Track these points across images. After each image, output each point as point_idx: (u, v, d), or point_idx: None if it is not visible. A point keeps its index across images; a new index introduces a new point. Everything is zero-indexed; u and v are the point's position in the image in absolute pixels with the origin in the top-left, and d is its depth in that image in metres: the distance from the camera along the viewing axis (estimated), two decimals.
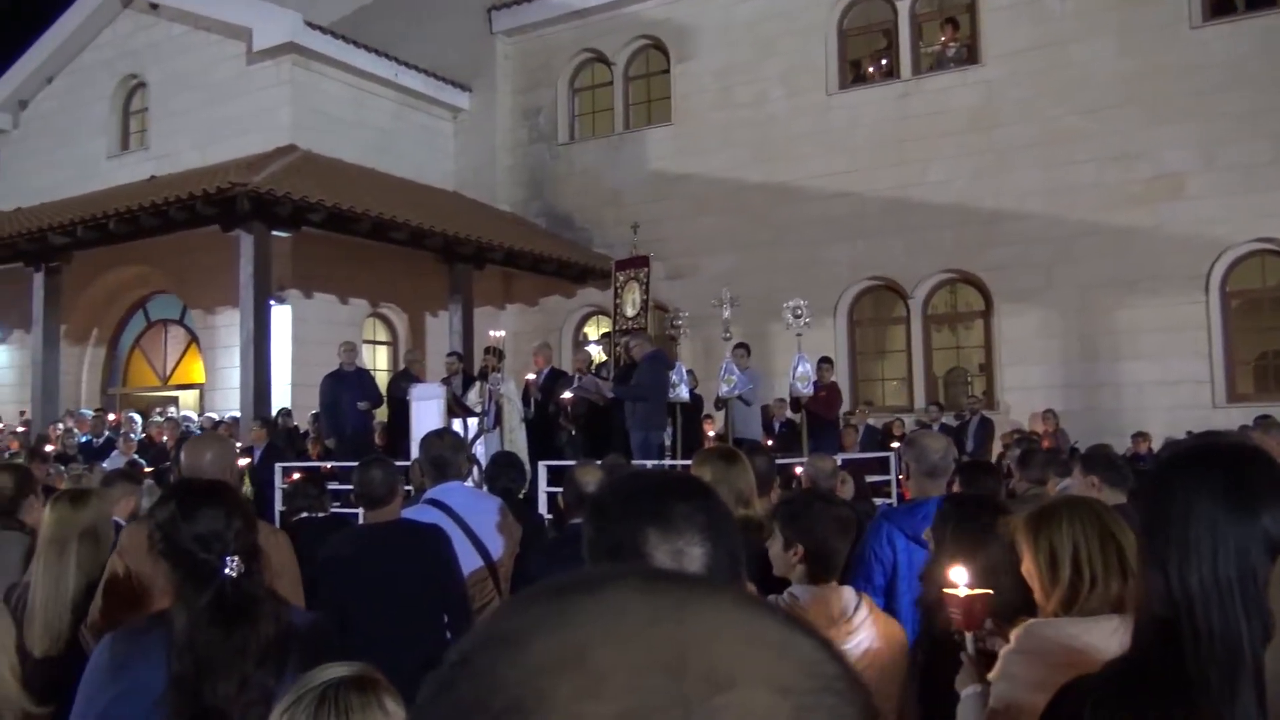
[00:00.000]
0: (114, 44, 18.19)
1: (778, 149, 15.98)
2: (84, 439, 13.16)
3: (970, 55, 15.10)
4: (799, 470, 7.41)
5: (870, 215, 15.13)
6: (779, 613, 0.45)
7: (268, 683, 2.00)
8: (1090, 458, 4.63)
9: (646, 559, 1.10)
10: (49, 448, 11.93)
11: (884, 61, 15.99)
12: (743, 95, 16.41)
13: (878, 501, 8.14)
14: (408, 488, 5.43)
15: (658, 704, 0.39)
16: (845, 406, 12.72)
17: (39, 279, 14.76)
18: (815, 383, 9.63)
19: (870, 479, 9.06)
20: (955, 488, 4.41)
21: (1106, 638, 1.71)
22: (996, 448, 12.01)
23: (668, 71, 17.43)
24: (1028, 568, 2.02)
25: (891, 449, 10.89)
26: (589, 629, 0.42)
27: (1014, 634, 1.95)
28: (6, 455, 11.24)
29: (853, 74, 16.20)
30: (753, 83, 16.33)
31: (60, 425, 13.72)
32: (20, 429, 14.65)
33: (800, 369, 9.02)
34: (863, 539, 3.49)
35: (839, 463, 6.11)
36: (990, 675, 1.96)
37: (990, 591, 2.21)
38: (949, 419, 12.90)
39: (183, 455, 3.55)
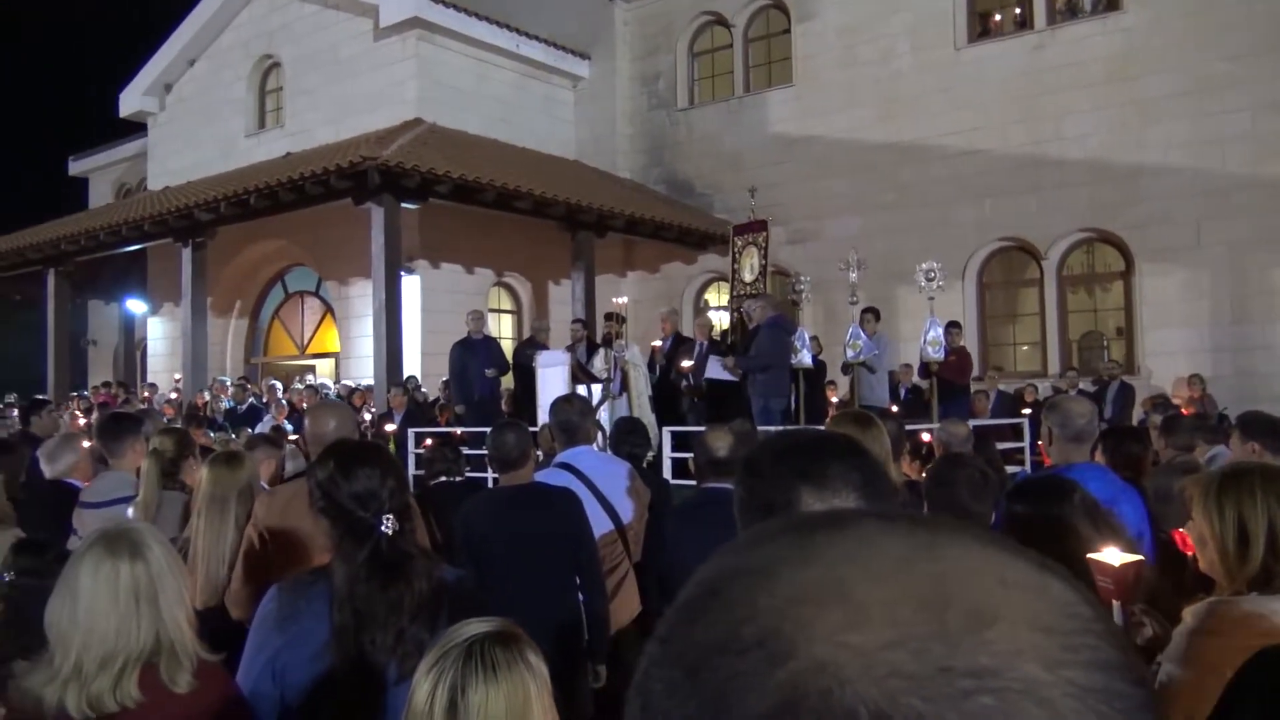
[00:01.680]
0: (250, 25, 18.90)
1: (903, 107, 15.56)
2: (229, 405, 13.86)
3: (1110, 2, 14.34)
4: (926, 436, 7.27)
5: (1001, 173, 14.60)
6: (1029, 554, 0.44)
7: (423, 636, 2.08)
8: (1251, 423, 4.37)
9: None
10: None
11: (1017, 11, 15.33)
12: (866, 53, 16.01)
13: (1010, 469, 7.92)
14: (537, 452, 5.53)
15: (922, 636, 0.39)
16: (975, 372, 12.38)
17: (186, 254, 15.54)
18: (945, 348, 9.38)
19: (1002, 446, 8.81)
20: (1099, 455, 4.26)
21: None
22: (1137, 415, 11.52)
23: (788, 31, 17.13)
24: (1203, 536, 1.89)
25: (1023, 415, 10.57)
26: (844, 563, 0.43)
27: (1191, 612, 1.83)
28: (165, 421, 11.90)
29: (982, 27, 15.60)
30: (877, 39, 15.91)
31: (207, 393, 14.49)
32: (173, 394, 15.51)
33: (932, 333, 8.79)
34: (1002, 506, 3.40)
35: (970, 432, 5.96)
36: (1165, 655, 1.83)
37: (1143, 559, 2.10)
38: (1086, 384, 12.43)
39: (306, 423, 3.69)
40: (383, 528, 2.11)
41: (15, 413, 12.93)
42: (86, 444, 5.40)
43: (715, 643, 0.42)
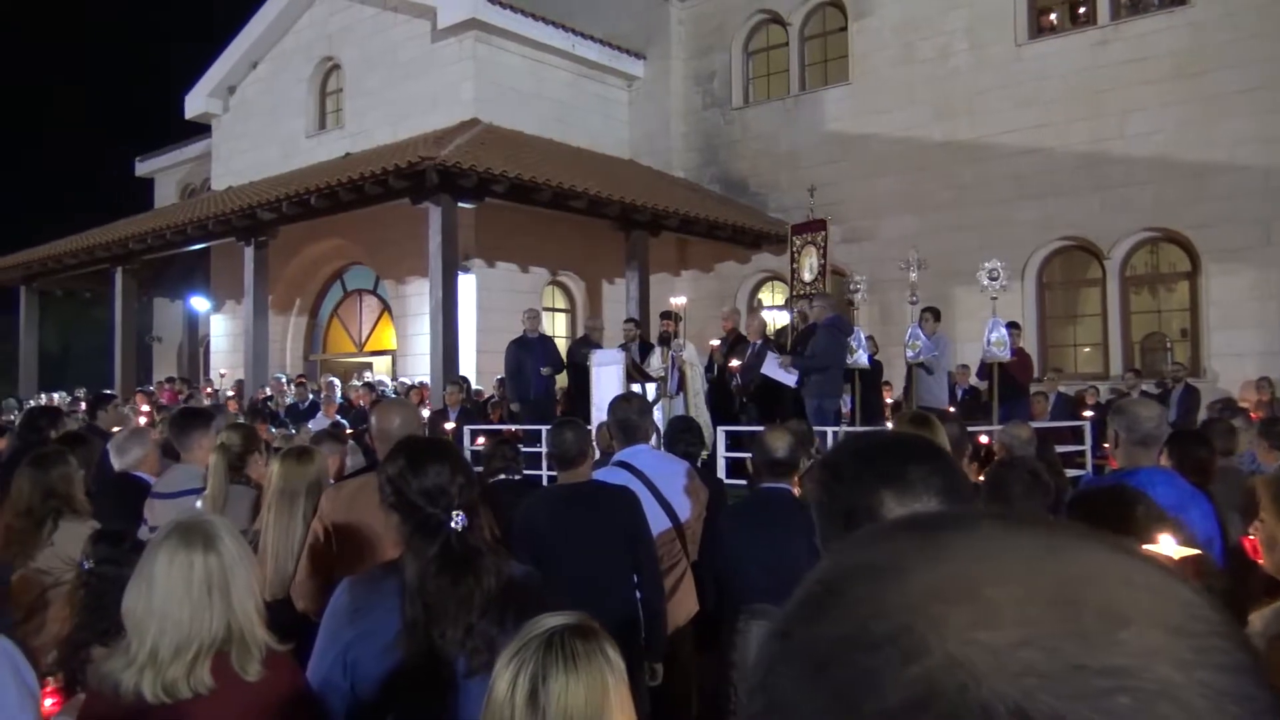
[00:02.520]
0: (311, 28, 19.22)
1: (961, 105, 15.36)
2: (290, 401, 14.11)
3: None
4: (984, 439, 7.17)
5: (1062, 172, 14.36)
6: (1151, 558, 0.45)
7: (492, 631, 2.11)
8: None
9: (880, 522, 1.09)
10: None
11: (1081, 10, 15.05)
12: (924, 50, 15.84)
13: (1070, 473, 7.78)
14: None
15: (1056, 636, 0.39)
16: (1034, 373, 12.19)
17: (249, 253, 15.84)
18: (1010, 348, 9.26)
19: (1062, 449, 8.67)
20: (1164, 459, 4.17)
21: None
22: (1202, 417, 11.25)
23: (845, 29, 17.00)
24: (1273, 537, 1.85)
25: (1084, 418, 10.39)
26: (972, 563, 0.44)
27: (1259, 616, 1.80)
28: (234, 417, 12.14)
29: (1043, 23, 15.34)
30: (935, 36, 15.73)
31: (267, 389, 14.76)
32: (230, 392, 15.82)
33: (995, 334, 8.68)
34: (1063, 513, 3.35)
35: (1033, 434, 5.86)
36: None
37: (1200, 553, 2.06)
38: (1149, 387, 12.17)
39: (373, 419, 3.74)
40: (452, 524, 2.14)
41: (83, 406, 13.28)
42: (154, 438, 5.54)
43: (843, 639, 0.42)
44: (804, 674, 0.43)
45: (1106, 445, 4.13)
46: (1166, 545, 2.10)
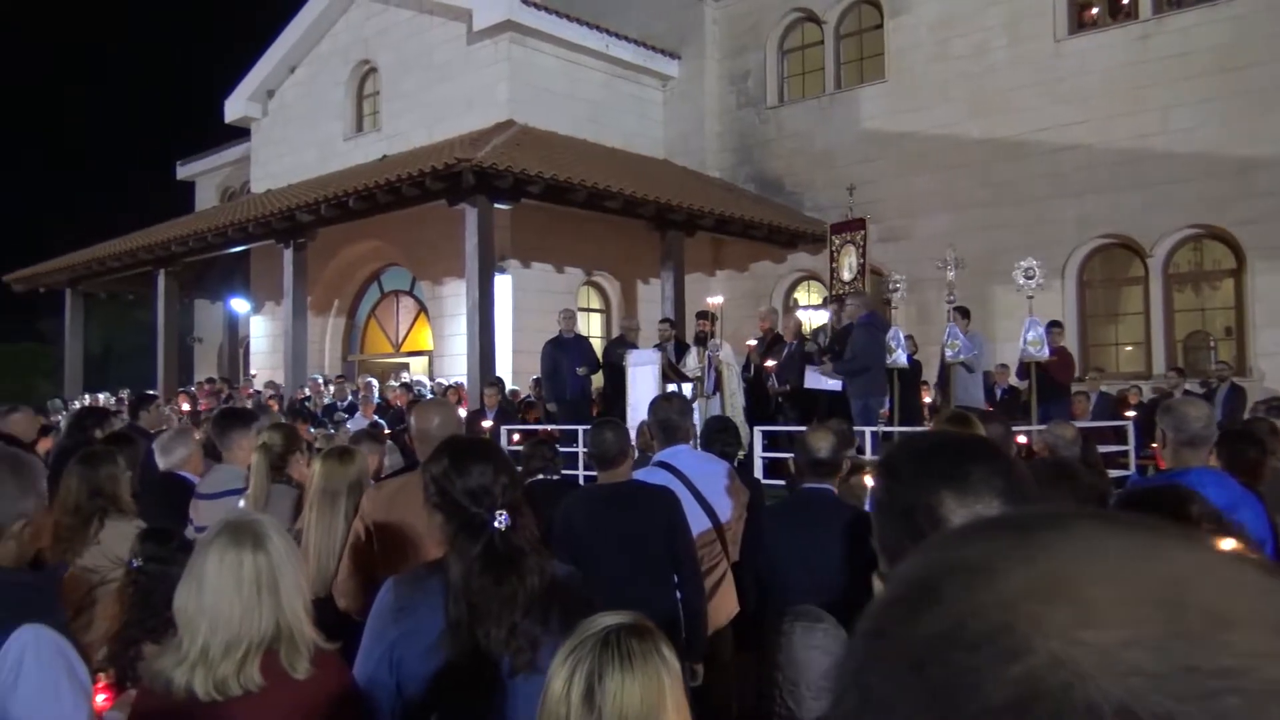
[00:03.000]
0: (348, 32, 19.40)
1: (999, 102, 15.21)
2: (328, 401, 14.24)
3: None
4: (1022, 439, 7.09)
5: (1102, 169, 14.17)
6: (1249, 558, 0.45)
7: (535, 631, 2.11)
8: None
9: (942, 523, 1.08)
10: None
11: (1123, 4, 14.85)
12: (961, 47, 15.69)
13: (1113, 474, 7.68)
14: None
15: (1162, 636, 0.39)
16: (1075, 373, 12.03)
17: (288, 255, 16.01)
18: (1048, 347, 9.14)
19: (1104, 449, 8.55)
20: (1213, 459, 4.10)
21: None
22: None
23: (880, 27, 16.89)
24: None
25: (1126, 417, 10.25)
26: (1069, 561, 0.43)
27: None
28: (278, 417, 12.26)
29: (1083, 18, 15.15)
30: (973, 33, 15.59)
31: (306, 389, 14.92)
32: (268, 392, 15.97)
33: (1031, 333, 8.58)
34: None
35: (1078, 434, 5.79)
36: None
37: (1257, 556, 2.02)
38: (1193, 386, 11.98)
39: (412, 419, 3.75)
40: (496, 523, 2.14)
41: (126, 407, 13.48)
42: (198, 437, 5.61)
43: (941, 637, 0.42)
44: (899, 673, 0.43)
45: (1154, 445, 4.06)
46: (1227, 542, 2.06)
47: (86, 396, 17.76)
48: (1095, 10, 15.15)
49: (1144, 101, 13.91)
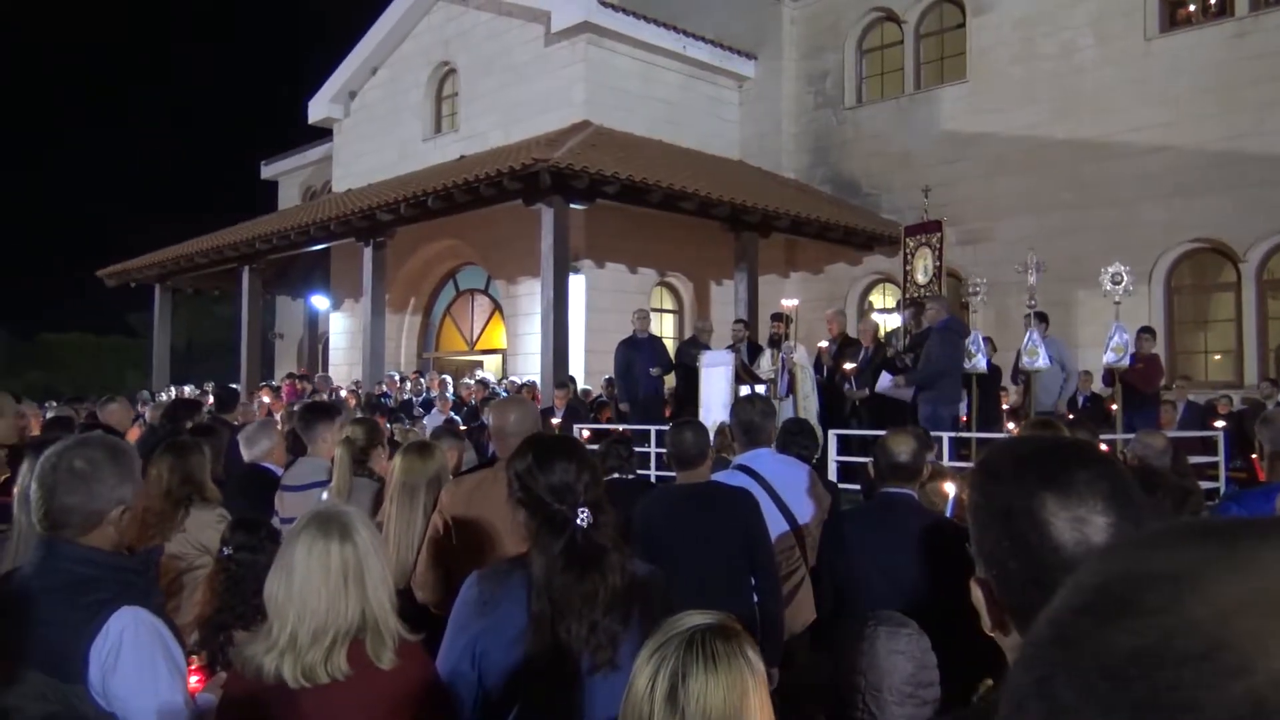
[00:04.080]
0: (429, 34, 19.70)
1: (1085, 102, 14.84)
2: (405, 398, 14.47)
3: None
4: (1104, 447, 6.89)
5: (1193, 171, 13.73)
6: None
7: (616, 628, 2.12)
8: None
9: (1043, 527, 1.05)
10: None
11: (1213, 1, 14.37)
12: (1046, 46, 15.35)
13: (1202, 485, 7.42)
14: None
15: None
16: (1162, 381, 11.68)
17: (368, 253, 16.31)
18: (1132, 354, 8.87)
19: (1192, 460, 8.27)
20: None
21: None
22: None
23: (962, 26, 16.61)
24: None
25: (1215, 428, 9.91)
26: None
27: None
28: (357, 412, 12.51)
29: (1177, 16, 14.69)
30: (1058, 31, 15.24)
31: (383, 384, 15.18)
32: (344, 392, 16.28)
33: (1116, 339, 8.33)
34: None
35: (1169, 443, 5.61)
36: None
37: None
38: None
39: (490, 416, 3.78)
40: (578, 520, 2.16)
41: (211, 400, 13.85)
42: (281, 430, 5.74)
43: (1143, 651, 0.40)
44: (1094, 685, 0.41)
45: (1254, 456, 3.92)
46: None
47: (173, 389, 18.30)
48: (1191, 8, 14.66)
49: (1238, 101, 13.45)
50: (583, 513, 2.16)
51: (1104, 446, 6.97)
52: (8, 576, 2.24)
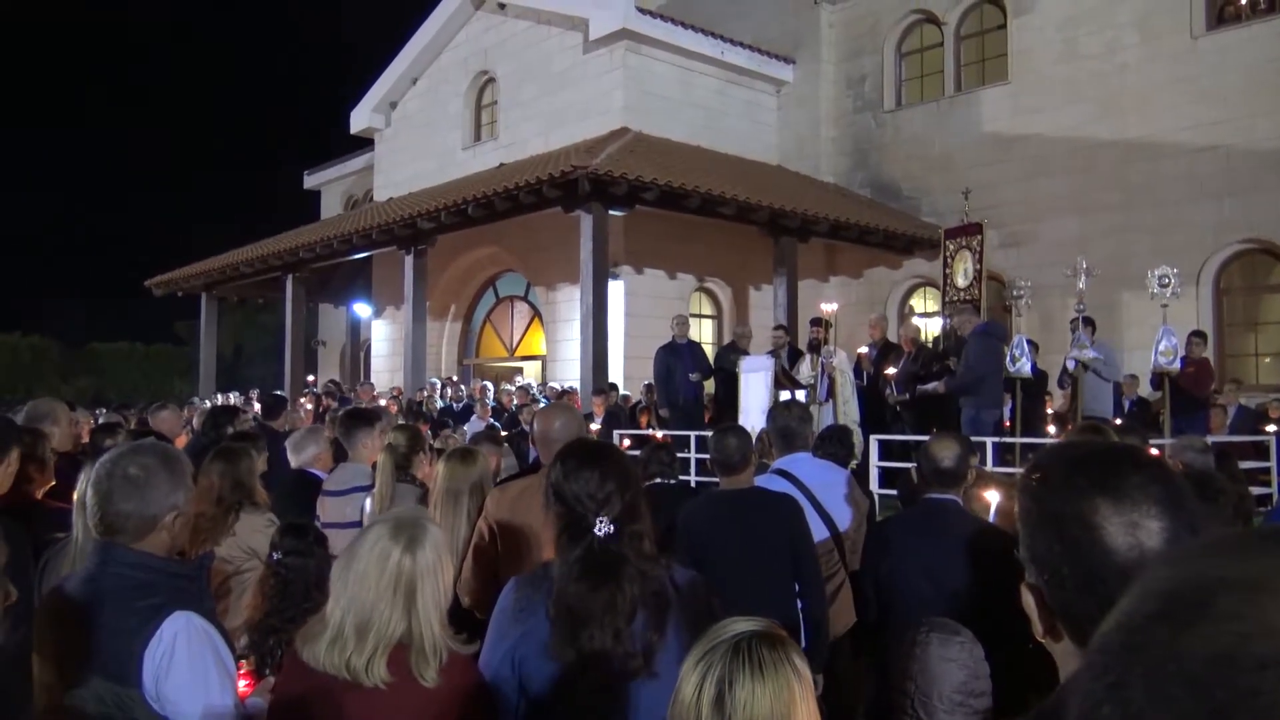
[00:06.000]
0: (468, 44, 19.87)
1: (1130, 102, 14.62)
2: (444, 404, 14.58)
3: None
4: (1153, 451, 6.78)
5: (1243, 170, 13.48)
6: None
7: (650, 637, 2.11)
8: None
9: (1096, 531, 1.04)
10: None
11: None
12: (1090, 45, 15.15)
13: (1253, 491, 7.27)
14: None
15: None
16: (1211, 385, 11.46)
17: (409, 261, 16.46)
18: (1182, 358, 8.71)
19: (1244, 465, 8.11)
20: None
21: None
22: None
23: (1003, 27, 16.45)
24: None
25: (1266, 433, 9.70)
26: None
27: None
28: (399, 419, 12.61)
29: (1225, 13, 14.43)
30: (1102, 31, 15.03)
31: (425, 391, 15.30)
32: (379, 396, 16.41)
33: (1165, 343, 8.19)
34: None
35: (1209, 444, 5.52)
36: None
37: None
38: None
39: (534, 422, 3.80)
40: (597, 529, 2.16)
41: (257, 406, 14.05)
42: (327, 436, 5.81)
43: (1221, 657, 0.40)
44: (1170, 689, 0.41)
45: None
46: None
47: (219, 396, 18.58)
48: (1242, 2, 14.38)
49: None
50: (602, 521, 2.16)
51: (1154, 451, 6.87)
52: (65, 580, 2.29)
